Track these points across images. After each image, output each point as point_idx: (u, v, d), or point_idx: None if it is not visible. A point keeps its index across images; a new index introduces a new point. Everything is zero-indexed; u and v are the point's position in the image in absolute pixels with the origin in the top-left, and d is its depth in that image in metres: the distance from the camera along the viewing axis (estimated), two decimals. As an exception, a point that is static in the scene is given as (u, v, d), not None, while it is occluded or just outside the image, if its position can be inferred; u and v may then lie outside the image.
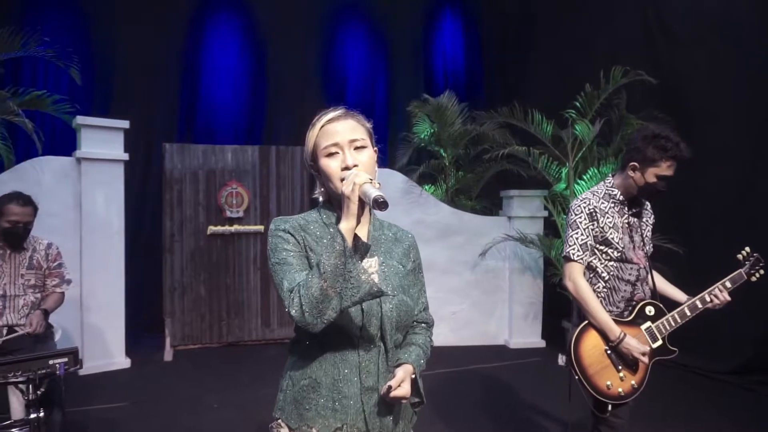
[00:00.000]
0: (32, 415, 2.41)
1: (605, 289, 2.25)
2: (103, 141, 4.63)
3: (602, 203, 2.25)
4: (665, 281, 2.45)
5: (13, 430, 3.04)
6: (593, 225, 2.22)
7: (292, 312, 1.21)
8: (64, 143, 5.37)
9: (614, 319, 2.20)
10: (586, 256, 2.24)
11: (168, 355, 5.05)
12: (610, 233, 2.22)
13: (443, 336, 5.56)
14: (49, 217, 4.38)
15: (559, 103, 5.27)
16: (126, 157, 4.74)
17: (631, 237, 2.27)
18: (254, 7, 6.61)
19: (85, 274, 4.55)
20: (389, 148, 6.71)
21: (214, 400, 3.93)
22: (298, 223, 1.37)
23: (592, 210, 2.23)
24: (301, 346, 1.36)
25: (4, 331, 2.97)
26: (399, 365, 1.35)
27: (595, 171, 5.12)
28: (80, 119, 4.59)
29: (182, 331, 5.30)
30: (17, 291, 3.03)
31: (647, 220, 2.39)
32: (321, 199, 1.43)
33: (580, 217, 2.24)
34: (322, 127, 1.35)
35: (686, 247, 4.56)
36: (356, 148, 1.33)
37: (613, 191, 2.27)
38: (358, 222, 1.24)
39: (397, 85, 7.14)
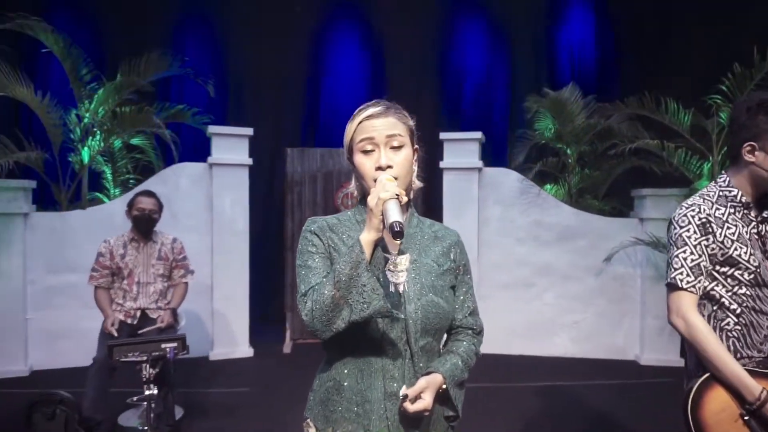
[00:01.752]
0: (147, 392, 2.70)
1: (738, 327, 1.66)
2: (231, 148, 5.07)
3: (717, 209, 1.67)
4: None
5: (144, 403, 3.47)
6: (708, 239, 1.64)
7: (303, 316, 1.21)
8: (203, 150, 5.96)
9: (752, 370, 1.58)
10: (699, 282, 1.64)
11: (287, 348, 5.36)
12: (736, 249, 1.64)
13: (562, 346, 5.19)
14: (185, 217, 4.94)
15: (700, 90, 4.63)
16: (250, 162, 5.13)
17: (764, 251, 1.68)
18: (371, 11, 6.78)
19: (215, 268, 5.01)
20: (508, 147, 6.45)
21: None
22: (327, 224, 1.34)
23: (704, 219, 1.64)
24: (330, 346, 1.33)
25: (138, 314, 3.39)
26: (427, 374, 1.25)
27: (748, 165, 4.38)
28: (212, 128, 5.07)
29: (301, 326, 5.59)
30: (149, 279, 3.44)
31: None
32: (355, 194, 1.39)
33: (688, 230, 1.65)
34: (361, 122, 1.31)
35: None
36: (393, 147, 1.28)
37: (731, 191, 1.68)
38: (381, 235, 1.18)
39: (518, 80, 6.81)
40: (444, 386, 1.26)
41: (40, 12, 4.97)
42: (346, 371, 1.28)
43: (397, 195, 1.16)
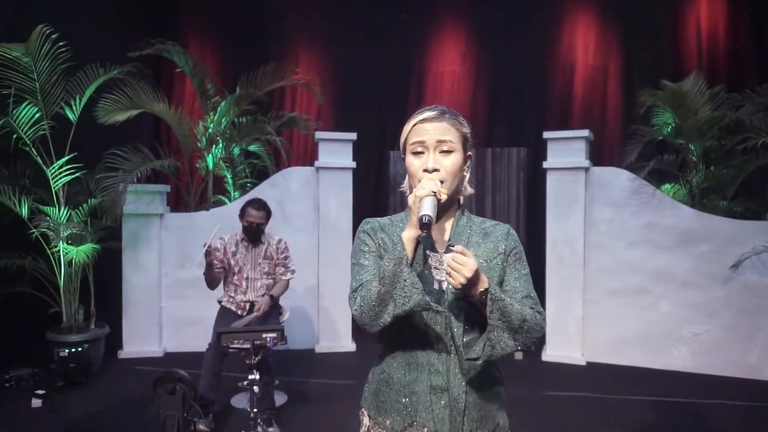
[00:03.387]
0: (250, 377, 2.97)
1: None
2: (336, 152, 5.33)
3: None
4: None
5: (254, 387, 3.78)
6: None
7: (353, 311, 1.29)
8: (315, 154, 6.34)
9: None
10: None
11: (388, 345, 5.50)
12: None
13: (681, 360, 4.77)
14: (295, 218, 5.29)
15: None
16: (353, 165, 5.36)
17: None
18: (475, 12, 6.71)
19: (321, 266, 5.30)
20: (621, 144, 6.04)
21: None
22: (379, 224, 1.42)
23: None
24: (383, 340, 1.41)
25: (247, 306, 3.71)
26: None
27: None
28: (318, 134, 5.38)
29: (402, 324, 5.70)
30: (256, 275, 3.75)
31: None
32: (407, 193, 1.44)
33: None
34: (415, 125, 1.37)
35: None
36: (442, 152, 1.33)
37: None
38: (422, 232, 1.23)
39: (633, 72, 6.33)
40: (486, 286, 1.22)
41: (174, 35, 5.62)
42: (395, 364, 1.35)
43: (434, 192, 1.21)
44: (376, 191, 6.77)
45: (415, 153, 1.35)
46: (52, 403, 3.77)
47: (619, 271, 4.94)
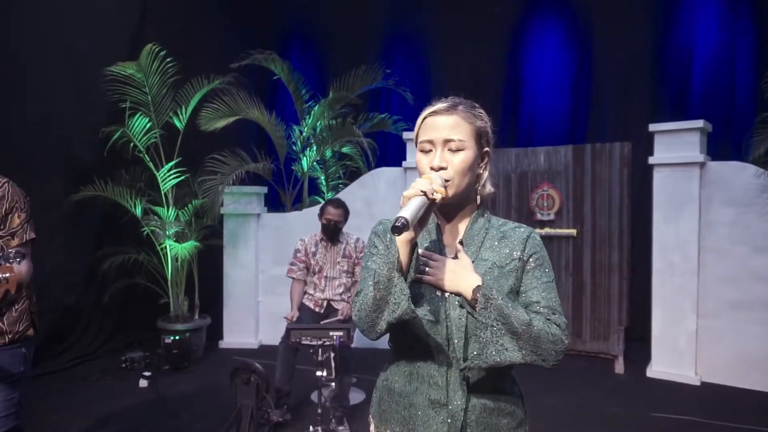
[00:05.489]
0: (317, 373, 3.02)
1: None
2: (411, 152, 5.27)
3: None
4: None
5: (329, 383, 3.85)
6: None
7: (353, 317, 1.24)
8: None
9: None
10: None
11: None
12: None
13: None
14: (382, 218, 5.32)
15: None
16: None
17: None
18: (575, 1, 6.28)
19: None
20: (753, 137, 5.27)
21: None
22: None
23: None
24: (391, 348, 1.34)
25: (324, 304, 3.79)
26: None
27: None
28: (406, 134, 5.36)
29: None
30: (334, 274, 3.81)
31: None
32: None
33: None
34: (425, 118, 1.29)
35: None
36: (451, 149, 1.23)
37: None
38: (417, 235, 1.13)
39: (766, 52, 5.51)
40: (479, 284, 1.16)
41: (275, 43, 5.93)
42: (397, 374, 1.28)
43: (423, 192, 1.11)
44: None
45: (423, 150, 1.27)
46: (157, 384, 4.16)
47: (743, 281, 4.32)
